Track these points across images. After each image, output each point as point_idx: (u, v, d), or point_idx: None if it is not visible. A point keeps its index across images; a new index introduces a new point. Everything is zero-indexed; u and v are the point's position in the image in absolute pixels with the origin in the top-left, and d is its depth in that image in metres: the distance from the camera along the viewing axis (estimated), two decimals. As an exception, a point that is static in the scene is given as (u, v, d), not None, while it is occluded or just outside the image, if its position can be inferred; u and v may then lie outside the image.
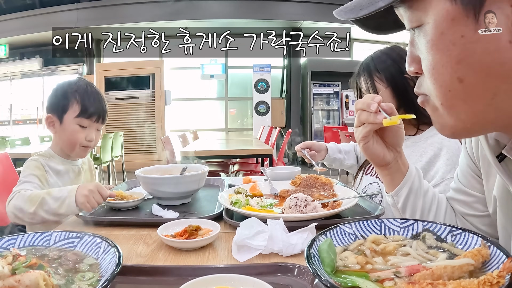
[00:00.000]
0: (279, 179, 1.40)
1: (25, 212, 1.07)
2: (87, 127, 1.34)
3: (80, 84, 1.34)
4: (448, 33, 0.44)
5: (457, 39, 0.43)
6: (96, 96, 1.36)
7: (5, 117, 8.24)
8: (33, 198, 1.07)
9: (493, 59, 0.42)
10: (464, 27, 0.42)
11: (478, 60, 0.43)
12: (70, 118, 1.31)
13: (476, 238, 0.58)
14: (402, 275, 0.51)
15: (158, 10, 6.97)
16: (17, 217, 1.09)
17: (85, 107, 1.31)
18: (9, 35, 7.29)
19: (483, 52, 0.42)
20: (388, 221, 0.69)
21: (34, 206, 1.06)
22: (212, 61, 7.84)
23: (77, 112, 1.31)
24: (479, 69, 0.43)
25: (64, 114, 1.31)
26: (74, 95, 1.31)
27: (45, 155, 1.34)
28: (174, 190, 1.18)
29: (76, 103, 1.31)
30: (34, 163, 1.28)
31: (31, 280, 0.49)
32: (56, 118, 1.32)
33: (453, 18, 0.43)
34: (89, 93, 1.34)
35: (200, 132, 6.56)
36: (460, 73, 0.44)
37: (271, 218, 0.86)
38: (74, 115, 1.31)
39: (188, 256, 0.80)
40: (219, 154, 3.87)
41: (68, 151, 1.35)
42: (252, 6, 7.09)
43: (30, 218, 1.07)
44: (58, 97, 1.32)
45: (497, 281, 0.43)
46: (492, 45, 0.42)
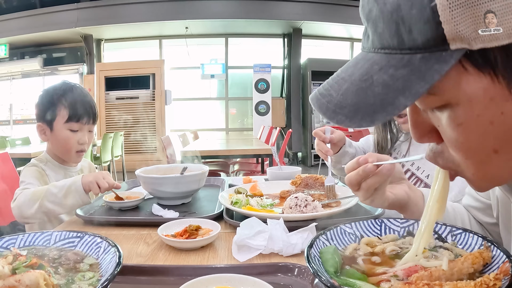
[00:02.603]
0: (279, 179, 1.40)
1: (31, 207, 1.06)
2: (78, 131, 1.31)
3: (65, 88, 1.31)
4: (485, 114, 0.37)
5: (496, 117, 0.37)
6: (83, 98, 1.33)
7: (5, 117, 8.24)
8: (37, 192, 1.07)
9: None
10: (504, 103, 0.36)
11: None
12: (60, 124, 1.29)
13: (476, 238, 0.58)
14: (400, 277, 0.51)
15: (158, 10, 6.97)
16: (23, 215, 1.09)
17: (73, 111, 1.29)
18: (9, 35, 7.29)
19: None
20: (388, 221, 0.69)
21: (39, 199, 1.05)
22: (212, 61, 7.84)
23: (66, 117, 1.28)
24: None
25: (53, 121, 1.29)
26: (60, 100, 1.28)
27: (43, 160, 1.34)
28: (174, 190, 1.18)
29: (64, 108, 1.28)
30: (34, 168, 1.28)
31: (31, 279, 0.49)
32: (46, 126, 1.30)
33: (492, 97, 0.36)
34: (76, 95, 1.30)
35: (200, 132, 6.55)
36: (497, 147, 0.39)
37: (271, 218, 0.86)
38: (63, 121, 1.28)
39: (188, 256, 0.80)
40: (219, 154, 3.87)
41: (64, 157, 1.35)
42: (252, 6, 7.08)
43: (36, 212, 1.07)
44: (45, 105, 1.30)
45: (493, 283, 0.43)
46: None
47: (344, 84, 0.40)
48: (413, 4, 0.34)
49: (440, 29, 0.33)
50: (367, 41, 0.41)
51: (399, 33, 0.36)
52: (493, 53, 0.34)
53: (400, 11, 0.35)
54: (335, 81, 0.42)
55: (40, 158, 1.34)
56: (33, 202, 1.06)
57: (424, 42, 0.35)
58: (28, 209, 1.07)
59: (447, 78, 0.36)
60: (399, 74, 0.36)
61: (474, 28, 0.33)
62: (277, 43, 8.28)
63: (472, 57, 0.34)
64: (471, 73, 0.35)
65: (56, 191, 1.06)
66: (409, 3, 0.34)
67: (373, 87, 0.38)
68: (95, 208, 1.18)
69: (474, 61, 0.35)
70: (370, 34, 0.40)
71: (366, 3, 0.40)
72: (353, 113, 0.38)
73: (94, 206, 1.18)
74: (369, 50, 0.40)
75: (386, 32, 0.37)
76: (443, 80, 0.36)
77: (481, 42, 0.33)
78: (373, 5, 0.38)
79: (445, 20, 0.33)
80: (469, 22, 0.33)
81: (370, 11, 0.39)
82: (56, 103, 1.29)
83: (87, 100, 1.34)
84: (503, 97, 0.36)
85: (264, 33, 8.08)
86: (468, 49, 0.34)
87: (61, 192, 1.05)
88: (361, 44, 0.43)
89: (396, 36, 0.36)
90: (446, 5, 0.33)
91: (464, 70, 0.36)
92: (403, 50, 0.36)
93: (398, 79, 0.36)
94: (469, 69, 0.35)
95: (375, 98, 0.37)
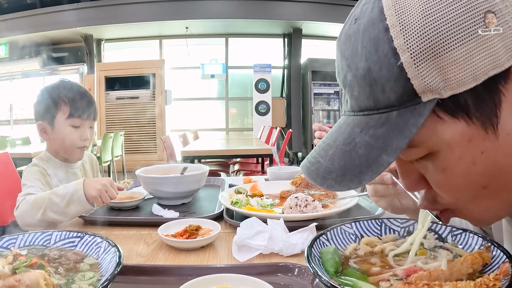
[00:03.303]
0: (279, 179, 1.40)
1: (33, 216, 1.04)
2: (80, 127, 1.30)
3: (64, 85, 1.30)
4: (466, 156, 0.38)
5: (477, 157, 0.38)
6: (83, 94, 1.32)
7: (5, 116, 8.24)
8: (38, 201, 1.05)
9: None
10: (483, 142, 0.37)
11: (500, 167, 0.39)
12: (61, 120, 1.27)
13: (476, 238, 0.58)
14: (399, 277, 0.51)
15: (158, 10, 6.97)
16: (27, 224, 1.06)
17: (74, 107, 1.28)
18: (9, 35, 7.29)
19: (505, 156, 0.38)
20: (388, 221, 0.68)
21: (41, 209, 1.03)
22: (212, 61, 7.84)
23: (67, 113, 1.27)
24: (501, 172, 0.39)
25: (54, 119, 1.28)
26: (60, 97, 1.27)
27: (43, 158, 1.32)
28: (174, 190, 1.18)
29: (64, 104, 1.27)
30: (36, 168, 1.26)
31: (31, 279, 0.49)
32: (47, 124, 1.29)
33: (470, 139, 0.37)
34: (75, 92, 1.30)
35: (200, 132, 6.55)
36: (484, 183, 0.40)
37: (271, 218, 0.86)
38: (64, 117, 1.27)
39: (189, 255, 0.80)
40: (219, 154, 3.87)
41: (66, 154, 1.33)
42: (252, 6, 7.08)
43: (40, 221, 1.04)
44: (45, 102, 1.28)
45: (493, 284, 0.43)
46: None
47: (330, 149, 0.42)
48: (382, 65, 0.36)
49: (410, 85, 0.35)
50: (346, 105, 0.43)
51: (374, 94, 0.38)
52: (463, 97, 0.35)
53: (372, 73, 0.37)
54: (321, 148, 0.44)
55: (40, 157, 1.33)
56: (36, 212, 1.03)
57: (397, 99, 0.37)
58: (31, 218, 1.04)
59: (424, 129, 0.37)
60: (379, 133, 0.38)
61: (441, 78, 0.35)
62: (277, 43, 8.28)
63: (445, 105, 0.36)
64: (446, 120, 0.37)
65: (58, 201, 1.03)
66: (378, 65, 0.37)
67: (357, 149, 0.39)
68: (95, 208, 1.18)
69: (447, 109, 0.36)
70: (348, 98, 0.42)
71: (341, 70, 0.42)
72: (341, 177, 0.40)
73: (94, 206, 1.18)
74: (350, 114, 0.42)
75: (362, 95, 0.39)
76: (421, 131, 0.37)
77: (450, 89, 0.35)
78: (347, 71, 0.40)
79: (412, 76, 0.35)
80: (435, 73, 0.35)
81: (345, 77, 0.41)
82: (56, 100, 1.27)
83: (86, 96, 1.33)
84: (480, 137, 0.37)
85: (264, 33, 8.07)
86: (439, 98, 0.35)
87: (63, 202, 1.03)
88: (342, 109, 0.45)
89: (372, 97, 0.38)
90: (411, 62, 0.35)
91: (439, 119, 0.37)
92: (380, 110, 0.38)
93: (378, 138, 0.38)
94: (443, 116, 0.37)
95: (360, 159, 0.39)
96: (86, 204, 1.03)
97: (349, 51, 0.40)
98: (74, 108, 1.28)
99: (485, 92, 0.35)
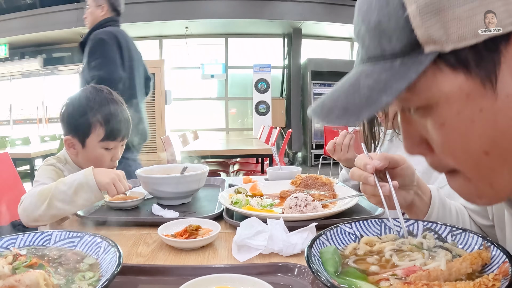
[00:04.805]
0: (279, 179, 1.40)
1: (38, 208, 0.96)
2: (112, 148, 1.21)
3: (100, 100, 1.18)
4: (465, 111, 0.39)
5: (476, 115, 0.39)
6: (119, 112, 1.20)
7: (5, 116, 8.25)
8: (44, 192, 0.97)
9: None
10: (481, 100, 0.38)
11: (501, 129, 0.39)
12: (94, 142, 1.17)
13: (476, 238, 0.58)
14: (399, 276, 0.51)
15: (158, 10, 6.97)
16: (30, 217, 0.98)
17: (110, 130, 1.17)
18: (9, 35, 7.29)
19: (505, 119, 0.39)
20: (388, 221, 0.69)
21: (47, 199, 0.95)
22: (212, 60, 7.84)
23: (102, 136, 1.17)
24: (503, 138, 0.40)
25: (86, 138, 1.17)
26: (95, 116, 1.16)
27: (61, 159, 1.22)
28: (174, 190, 1.18)
29: (100, 125, 1.16)
30: (51, 167, 1.17)
31: (31, 279, 0.49)
32: (78, 142, 1.19)
33: (468, 94, 0.38)
34: (112, 110, 1.18)
35: (200, 132, 6.55)
36: (485, 147, 0.40)
37: (271, 218, 0.86)
38: (98, 139, 1.17)
39: (188, 255, 0.80)
40: (219, 154, 3.87)
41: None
42: (252, 6, 7.08)
43: (45, 213, 0.96)
44: (77, 118, 1.17)
45: (492, 284, 0.43)
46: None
47: (336, 93, 0.45)
48: (391, 17, 0.40)
49: (414, 35, 0.38)
50: (358, 58, 0.47)
51: (381, 44, 0.41)
52: (464, 53, 0.37)
53: (381, 25, 0.40)
54: (329, 93, 0.47)
55: (58, 157, 1.23)
56: (41, 202, 0.96)
57: (402, 49, 0.40)
58: (35, 210, 0.96)
59: (424, 78, 0.39)
60: (382, 78, 0.41)
61: (444, 31, 0.36)
62: (277, 43, 8.28)
63: (446, 57, 0.38)
64: (446, 72, 0.39)
65: (65, 189, 0.95)
66: (387, 17, 0.40)
67: (360, 90, 0.42)
68: (95, 208, 1.18)
69: (448, 61, 0.38)
70: (360, 49, 0.45)
71: (356, 24, 0.45)
72: (342, 114, 0.43)
73: (94, 206, 1.18)
74: (359, 63, 0.45)
75: (371, 45, 0.43)
76: (421, 79, 0.39)
77: (451, 43, 0.37)
78: (361, 25, 0.44)
79: (416, 26, 0.38)
80: (438, 26, 0.37)
81: (359, 31, 0.44)
82: (91, 118, 1.16)
83: (123, 114, 1.22)
84: (478, 93, 0.38)
85: (264, 33, 8.08)
86: (440, 51, 0.37)
87: (71, 189, 0.95)
88: (355, 63, 0.48)
89: (379, 47, 0.42)
90: (416, 14, 0.37)
91: (439, 70, 0.39)
92: (385, 58, 0.41)
93: (381, 81, 0.41)
94: (444, 68, 0.39)
95: (361, 99, 0.42)
96: (98, 191, 0.96)
97: (365, 7, 0.43)
98: (110, 131, 1.18)
99: (485, 51, 0.37)
